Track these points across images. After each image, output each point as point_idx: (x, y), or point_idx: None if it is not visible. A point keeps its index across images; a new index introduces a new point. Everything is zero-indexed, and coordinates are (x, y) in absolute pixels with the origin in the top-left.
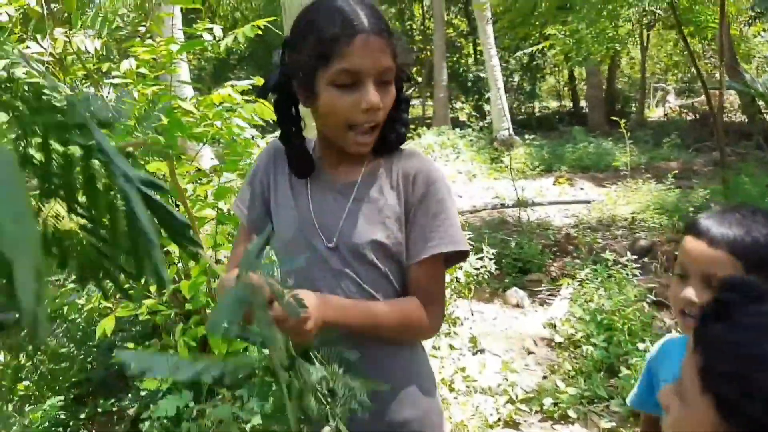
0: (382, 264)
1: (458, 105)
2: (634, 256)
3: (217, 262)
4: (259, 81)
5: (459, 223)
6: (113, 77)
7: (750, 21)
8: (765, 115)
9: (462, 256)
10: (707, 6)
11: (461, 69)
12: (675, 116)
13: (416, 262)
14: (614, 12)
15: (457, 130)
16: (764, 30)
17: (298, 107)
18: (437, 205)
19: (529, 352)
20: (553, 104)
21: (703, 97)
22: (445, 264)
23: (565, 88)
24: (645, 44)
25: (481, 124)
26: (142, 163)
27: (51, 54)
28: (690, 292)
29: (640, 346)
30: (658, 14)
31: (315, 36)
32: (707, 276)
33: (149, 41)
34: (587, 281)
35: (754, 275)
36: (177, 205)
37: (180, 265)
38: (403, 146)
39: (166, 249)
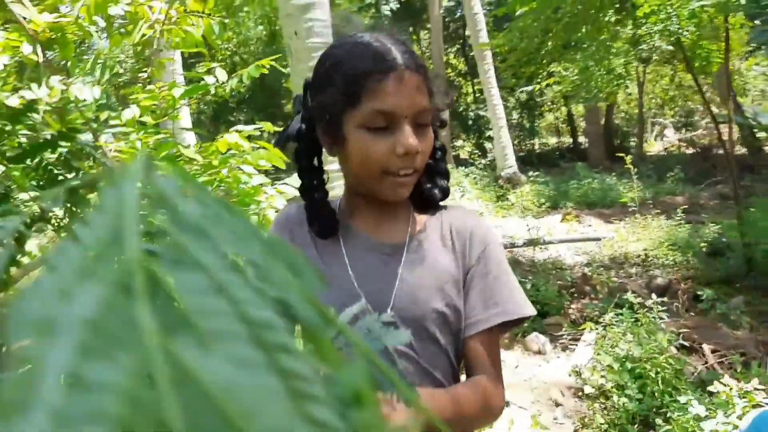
0: (442, 337)
1: (459, 143)
2: (660, 299)
3: None
4: (268, 126)
5: (518, 283)
6: (113, 126)
7: (746, 55)
8: (766, 147)
9: (522, 319)
10: (711, 41)
11: (461, 108)
12: (674, 150)
13: (478, 333)
14: (622, 49)
15: (461, 168)
16: (757, 64)
17: (321, 157)
18: (497, 267)
19: (557, 404)
20: (552, 140)
21: (701, 131)
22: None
23: (564, 125)
24: (641, 80)
25: (484, 161)
26: None
27: (47, 103)
28: None
29: (681, 399)
30: (660, 49)
31: (342, 73)
32: None
33: (150, 87)
34: (612, 326)
35: None
36: None
37: None
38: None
39: None
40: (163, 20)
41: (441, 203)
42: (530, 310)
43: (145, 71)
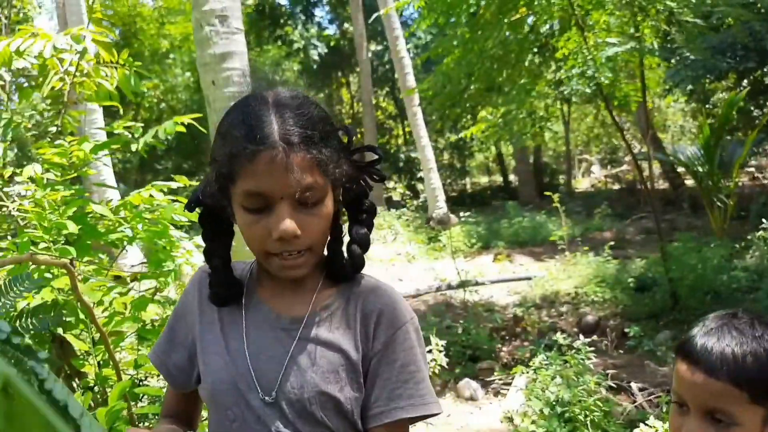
0: (333, 424)
1: (391, 185)
2: (588, 339)
3: (139, 383)
4: (183, 180)
5: (428, 376)
6: (17, 183)
7: (663, 93)
8: (686, 182)
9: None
10: (628, 81)
11: (392, 149)
12: (601, 186)
13: (378, 426)
14: (543, 93)
15: (393, 210)
16: (675, 101)
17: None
18: (405, 355)
19: None
20: (483, 180)
21: (625, 167)
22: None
23: (494, 164)
24: (566, 119)
25: (415, 203)
26: (48, 277)
27: None
28: (692, 428)
29: None
30: (580, 91)
31: (219, 148)
32: (710, 409)
33: (60, 141)
34: (541, 368)
35: (762, 404)
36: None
37: (96, 388)
38: (364, 273)
39: (81, 370)
40: (73, 72)
41: (361, 272)
42: (435, 408)
43: (56, 125)
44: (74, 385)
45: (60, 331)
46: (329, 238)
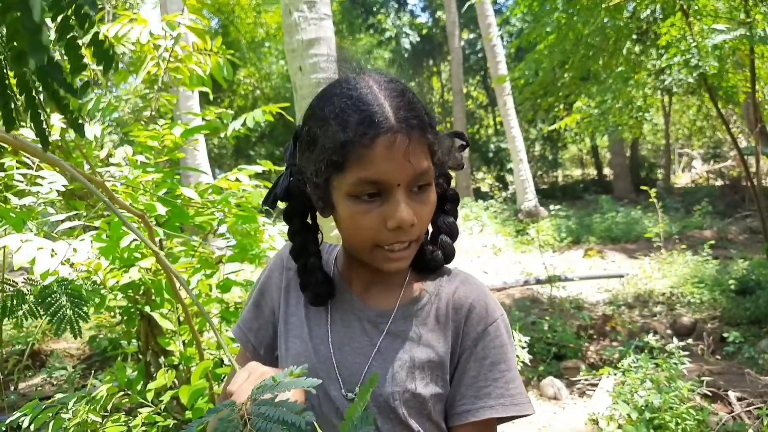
0: (416, 422)
1: (479, 175)
2: (682, 342)
3: (222, 364)
4: (267, 165)
5: (519, 375)
6: (113, 165)
7: None
8: None
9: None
10: (737, 71)
11: (481, 140)
12: (703, 182)
13: (464, 424)
14: (642, 82)
15: (480, 201)
16: None
17: (315, 214)
18: (496, 353)
19: None
20: (576, 172)
21: (730, 162)
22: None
23: (588, 156)
24: (667, 110)
25: (504, 194)
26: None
27: None
28: None
29: None
30: (683, 82)
31: (327, 135)
32: None
33: (153, 126)
34: (630, 371)
35: None
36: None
37: (181, 366)
38: (452, 267)
39: (168, 348)
40: (168, 58)
41: (447, 266)
42: (527, 409)
43: (150, 109)
44: (160, 362)
45: (147, 309)
46: None
